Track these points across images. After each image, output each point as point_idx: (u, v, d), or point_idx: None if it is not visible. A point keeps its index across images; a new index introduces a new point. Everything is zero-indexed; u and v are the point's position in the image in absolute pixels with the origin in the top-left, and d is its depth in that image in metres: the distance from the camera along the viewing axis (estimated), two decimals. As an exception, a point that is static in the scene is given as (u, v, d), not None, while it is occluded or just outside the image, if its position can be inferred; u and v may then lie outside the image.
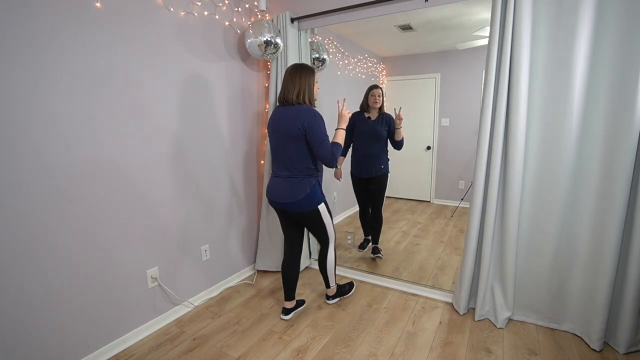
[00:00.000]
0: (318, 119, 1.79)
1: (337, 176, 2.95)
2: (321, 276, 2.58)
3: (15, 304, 1.44)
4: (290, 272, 2.11)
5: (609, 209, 1.67)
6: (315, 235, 2.07)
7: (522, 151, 1.82)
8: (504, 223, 1.93)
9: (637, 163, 1.62)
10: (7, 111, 1.37)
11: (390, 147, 2.83)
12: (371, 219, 2.97)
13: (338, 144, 1.85)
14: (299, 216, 1.97)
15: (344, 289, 2.33)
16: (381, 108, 2.75)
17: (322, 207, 1.95)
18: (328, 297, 2.26)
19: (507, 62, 1.77)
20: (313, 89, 1.87)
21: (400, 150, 2.81)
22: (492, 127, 1.88)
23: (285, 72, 1.88)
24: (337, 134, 1.91)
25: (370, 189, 2.88)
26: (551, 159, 1.81)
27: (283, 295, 2.41)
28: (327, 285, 2.22)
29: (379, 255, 2.95)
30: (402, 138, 2.72)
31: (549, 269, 1.91)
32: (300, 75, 1.83)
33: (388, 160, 2.85)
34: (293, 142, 1.82)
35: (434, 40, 3.81)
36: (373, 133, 2.72)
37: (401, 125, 2.65)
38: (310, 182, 1.89)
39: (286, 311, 2.12)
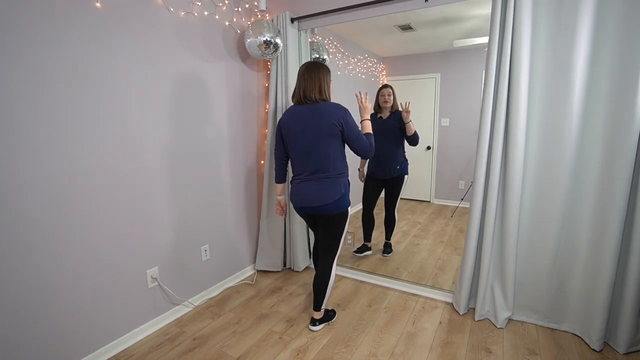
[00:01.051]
0: (349, 113, 1.79)
1: (361, 178, 3.01)
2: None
3: (16, 303, 1.44)
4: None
5: (609, 209, 1.67)
6: (327, 241, 1.91)
7: (522, 151, 1.82)
8: (504, 223, 1.93)
9: (637, 163, 1.62)
10: (8, 111, 1.37)
11: (408, 147, 2.82)
12: (385, 219, 3.01)
13: (370, 134, 1.84)
14: (324, 219, 1.86)
15: (330, 314, 2.08)
16: (393, 106, 2.77)
17: (349, 209, 1.89)
18: (314, 322, 2.00)
19: (507, 62, 1.77)
20: (330, 86, 1.86)
21: (416, 146, 2.75)
22: (492, 127, 1.88)
23: (300, 70, 1.83)
24: (364, 125, 1.89)
25: (385, 189, 2.91)
26: (551, 159, 1.81)
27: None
28: (318, 307, 1.98)
29: (389, 252, 3.02)
30: (415, 132, 2.67)
31: (549, 268, 1.91)
32: (319, 72, 1.80)
33: (406, 161, 2.85)
34: (327, 140, 1.76)
35: (434, 40, 3.80)
36: (384, 131, 2.73)
37: (409, 119, 2.62)
38: (344, 182, 1.84)
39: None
